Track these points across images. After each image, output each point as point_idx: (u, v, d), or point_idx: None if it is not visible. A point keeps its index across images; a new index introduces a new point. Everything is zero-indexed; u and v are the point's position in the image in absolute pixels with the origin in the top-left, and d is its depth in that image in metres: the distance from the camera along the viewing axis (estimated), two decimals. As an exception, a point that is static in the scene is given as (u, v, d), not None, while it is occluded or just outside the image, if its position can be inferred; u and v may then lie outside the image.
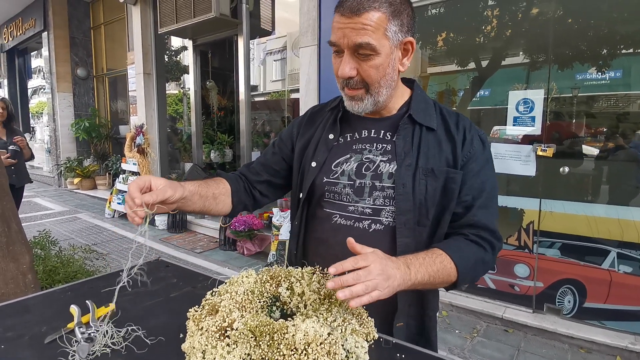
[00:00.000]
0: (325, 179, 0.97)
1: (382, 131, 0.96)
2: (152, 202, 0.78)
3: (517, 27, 2.94)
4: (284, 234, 3.83)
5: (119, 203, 5.89)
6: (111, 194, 6.15)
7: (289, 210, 3.93)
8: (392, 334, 0.88)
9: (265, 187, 1.10)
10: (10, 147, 3.45)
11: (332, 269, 0.68)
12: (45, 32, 8.22)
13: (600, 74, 2.60)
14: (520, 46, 2.97)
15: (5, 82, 10.83)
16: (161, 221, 5.37)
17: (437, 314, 1.02)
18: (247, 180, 1.09)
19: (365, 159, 0.95)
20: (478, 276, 0.92)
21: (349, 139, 0.99)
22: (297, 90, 4.10)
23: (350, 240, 0.75)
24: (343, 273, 0.69)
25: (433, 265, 0.80)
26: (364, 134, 0.98)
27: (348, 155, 0.97)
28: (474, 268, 0.87)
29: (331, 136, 1.00)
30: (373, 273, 0.69)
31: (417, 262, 0.79)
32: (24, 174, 3.66)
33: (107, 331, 0.78)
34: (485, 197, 0.91)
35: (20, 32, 9.23)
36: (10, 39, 9.88)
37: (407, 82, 1.01)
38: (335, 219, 0.95)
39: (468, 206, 0.90)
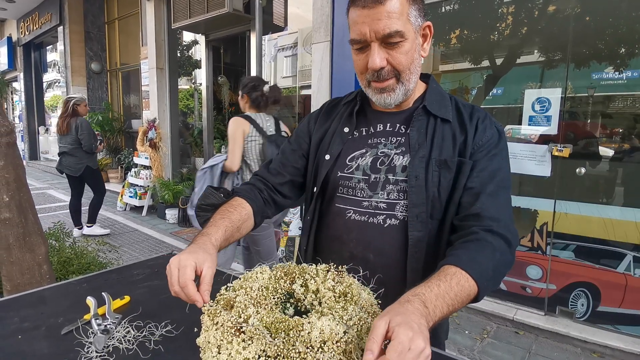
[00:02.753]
0: (340, 173, 0.95)
1: (397, 124, 0.95)
2: (208, 295, 0.74)
3: (533, 25, 2.89)
4: (294, 230, 3.83)
5: (130, 196, 5.96)
6: (123, 187, 6.22)
7: (299, 207, 3.86)
8: None
9: (288, 189, 1.06)
10: (100, 138, 4.80)
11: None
12: (61, 27, 8.33)
13: (617, 73, 2.55)
14: (536, 44, 2.91)
15: (22, 75, 11.01)
16: (171, 215, 5.41)
17: None
18: (268, 183, 1.05)
19: (380, 153, 0.93)
20: (499, 281, 0.81)
21: (364, 133, 0.97)
22: (308, 87, 4.09)
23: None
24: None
25: (450, 291, 0.69)
26: (379, 128, 0.96)
27: (364, 150, 0.95)
28: (494, 277, 0.76)
29: (346, 129, 0.99)
30: (416, 349, 0.56)
31: (433, 295, 0.67)
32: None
33: (123, 324, 0.78)
34: (496, 185, 0.84)
35: (37, 26, 9.36)
36: (27, 33, 10.04)
37: (423, 76, 0.99)
38: (349, 215, 0.93)
39: (476, 193, 0.84)
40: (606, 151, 2.65)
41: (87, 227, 4.76)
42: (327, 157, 0.98)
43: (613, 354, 2.42)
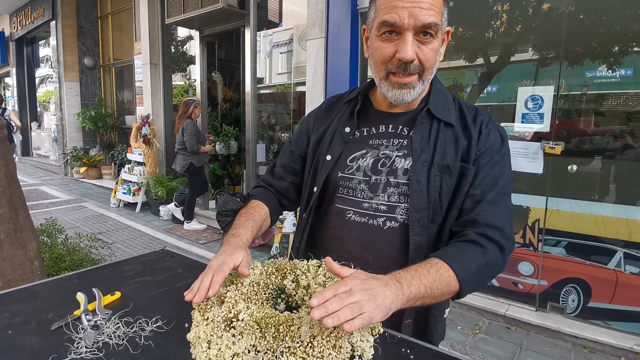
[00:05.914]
0: (340, 174, 0.95)
1: (400, 126, 0.93)
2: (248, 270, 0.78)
3: (527, 23, 2.90)
4: (288, 226, 3.83)
5: (124, 193, 5.92)
6: (117, 183, 6.19)
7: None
8: (401, 331, 0.86)
9: (293, 192, 1.07)
10: (212, 138, 5.16)
11: (314, 301, 0.61)
12: (54, 22, 8.24)
13: (610, 71, 2.56)
14: (530, 42, 2.92)
15: (14, 70, 10.89)
16: (165, 212, 5.39)
17: (447, 310, 1.00)
18: (275, 188, 1.07)
19: (381, 154, 0.92)
20: (485, 281, 0.83)
21: (365, 134, 0.96)
22: (303, 84, 4.08)
23: (329, 260, 0.70)
24: None
25: (427, 275, 0.73)
26: (381, 129, 0.95)
27: (364, 151, 0.94)
28: (477, 274, 0.78)
29: (347, 129, 0.98)
30: (355, 295, 0.62)
31: (408, 275, 0.71)
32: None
33: (113, 319, 0.78)
34: (497, 192, 0.85)
35: (29, 21, 9.25)
36: (19, 27, 9.92)
37: None
38: (349, 215, 0.93)
39: (477, 201, 0.85)
40: (598, 149, 2.68)
41: (186, 222, 5.05)
42: (329, 157, 0.97)
43: (603, 349, 2.45)
